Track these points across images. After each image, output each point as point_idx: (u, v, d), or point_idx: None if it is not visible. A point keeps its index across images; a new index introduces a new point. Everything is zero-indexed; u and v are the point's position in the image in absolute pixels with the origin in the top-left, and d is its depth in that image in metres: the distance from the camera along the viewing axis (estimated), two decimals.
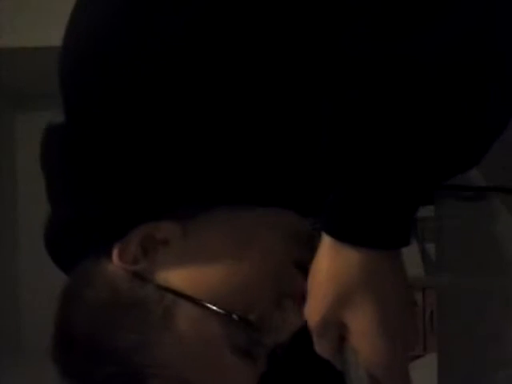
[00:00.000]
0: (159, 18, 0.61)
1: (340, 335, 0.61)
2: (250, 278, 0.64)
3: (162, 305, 0.63)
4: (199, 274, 0.64)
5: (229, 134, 0.62)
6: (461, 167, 0.57)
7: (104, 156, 0.64)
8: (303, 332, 0.72)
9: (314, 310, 0.61)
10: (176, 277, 0.64)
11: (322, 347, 0.59)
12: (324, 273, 0.59)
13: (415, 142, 0.55)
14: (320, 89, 0.61)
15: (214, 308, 0.63)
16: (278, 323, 0.66)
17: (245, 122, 0.62)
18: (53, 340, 0.67)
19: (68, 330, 0.66)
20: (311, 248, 0.65)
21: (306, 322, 0.65)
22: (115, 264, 0.65)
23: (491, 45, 0.56)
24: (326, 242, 0.58)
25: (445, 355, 1.16)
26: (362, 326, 0.60)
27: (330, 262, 0.58)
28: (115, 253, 0.65)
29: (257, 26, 0.61)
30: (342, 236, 0.57)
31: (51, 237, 0.68)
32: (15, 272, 3.35)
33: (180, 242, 0.65)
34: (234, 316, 0.63)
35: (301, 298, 0.65)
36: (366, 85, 0.55)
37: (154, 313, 0.63)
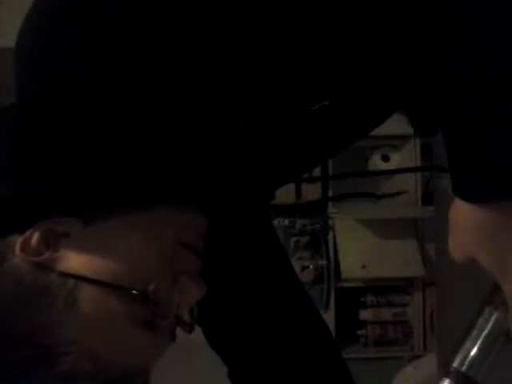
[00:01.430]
0: None
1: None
2: (144, 259, 0.69)
3: (65, 289, 0.66)
4: (98, 259, 0.68)
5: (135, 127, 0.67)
6: None
7: (41, 142, 0.68)
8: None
9: (455, 248, 0.68)
10: (77, 264, 0.67)
11: None
12: (465, 222, 0.64)
13: None
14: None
15: (113, 285, 0.68)
16: (175, 297, 0.71)
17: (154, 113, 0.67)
18: None
19: None
20: (202, 235, 0.76)
21: (204, 295, 0.74)
22: (18, 256, 0.68)
23: None
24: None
25: (445, 355, 1.16)
26: (490, 266, 0.65)
27: (467, 215, 0.64)
28: (17, 247, 0.67)
29: None
30: (470, 198, 0.63)
31: None
32: None
33: (81, 234, 0.68)
34: (132, 291, 0.68)
35: (196, 275, 0.74)
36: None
37: (57, 297, 0.66)
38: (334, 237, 2.56)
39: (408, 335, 2.61)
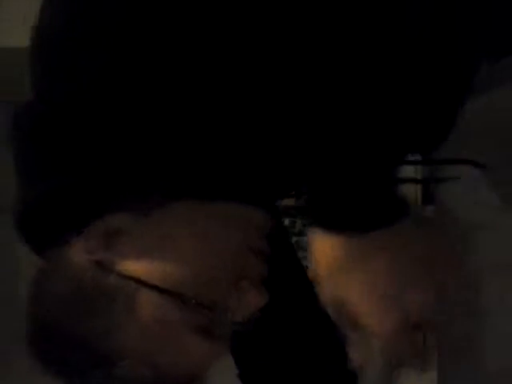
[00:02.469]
0: None
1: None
2: (205, 264, 0.67)
3: (125, 292, 0.66)
4: (158, 262, 0.67)
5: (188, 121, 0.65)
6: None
7: (71, 140, 0.67)
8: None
9: (325, 293, 0.67)
10: (137, 265, 0.66)
11: None
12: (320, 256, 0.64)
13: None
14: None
15: (170, 292, 0.66)
16: (235, 304, 0.69)
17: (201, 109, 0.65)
18: (27, 329, 0.70)
19: (40, 322, 0.69)
20: (263, 235, 0.72)
21: (266, 301, 0.71)
22: (79, 255, 0.67)
23: None
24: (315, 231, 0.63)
25: (444, 355, 1.16)
26: (360, 300, 0.64)
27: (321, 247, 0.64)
28: (78, 245, 0.67)
29: None
30: (325, 225, 0.63)
31: (25, 216, 0.70)
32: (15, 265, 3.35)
33: (140, 233, 0.67)
34: (191, 300, 0.66)
35: (258, 280, 0.70)
36: None
37: (117, 300, 0.66)
38: None
39: None
